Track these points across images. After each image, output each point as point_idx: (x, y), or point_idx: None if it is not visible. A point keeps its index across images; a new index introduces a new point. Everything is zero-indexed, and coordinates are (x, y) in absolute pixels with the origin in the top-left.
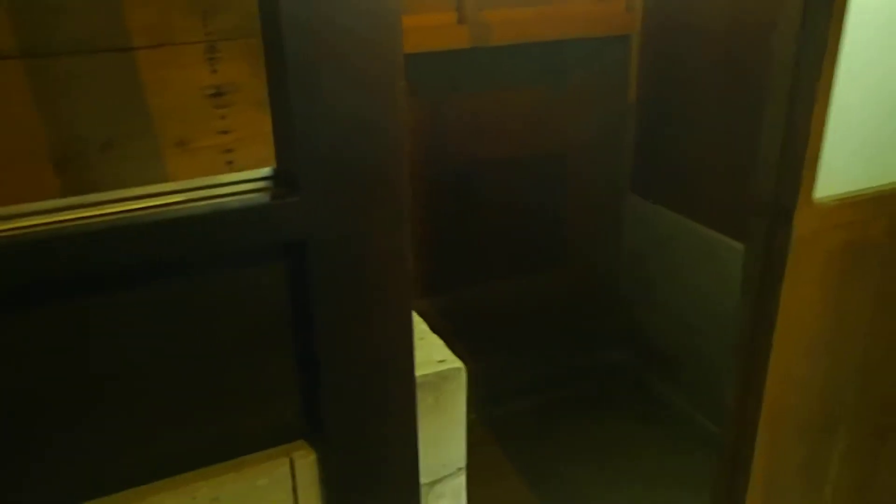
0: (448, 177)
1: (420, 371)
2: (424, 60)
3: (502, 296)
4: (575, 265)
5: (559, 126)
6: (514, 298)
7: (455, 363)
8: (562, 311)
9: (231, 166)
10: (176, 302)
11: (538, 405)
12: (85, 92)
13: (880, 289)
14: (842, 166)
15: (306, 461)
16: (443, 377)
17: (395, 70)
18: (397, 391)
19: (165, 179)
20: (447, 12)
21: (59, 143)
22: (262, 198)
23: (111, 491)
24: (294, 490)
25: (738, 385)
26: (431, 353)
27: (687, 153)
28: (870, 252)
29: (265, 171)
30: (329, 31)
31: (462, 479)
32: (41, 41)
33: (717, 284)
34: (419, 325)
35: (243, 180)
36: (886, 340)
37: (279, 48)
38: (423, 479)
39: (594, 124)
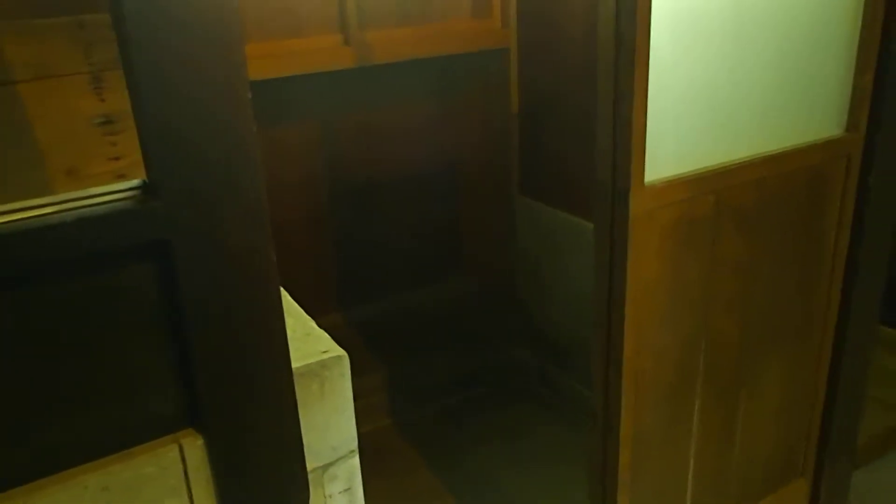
0: (347, 193)
1: (304, 361)
2: (315, 81)
3: (408, 304)
4: (473, 270)
5: (448, 138)
6: (419, 306)
7: (337, 352)
8: (465, 314)
9: None
10: (53, 304)
11: (447, 405)
12: None
13: (713, 257)
14: (667, 152)
15: (195, 446)
16: (326, 365)
17: (242, 79)
18: (272, 377)
19: None
20: (333, 34)
21: None
22: (128, 204)
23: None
24: (185, 473)
25: (600, 355)
26: (317, 346)
27: (565, 154)
28: (699, 226)
29: (135, 181)
30: (177, 43)
31: (355, 461)
32: None
33: None
34: (307, 323)
35: (112, 191)
36: (723, 304)
37: (133, 70)
38: (317, 463)
39: (481, 134)
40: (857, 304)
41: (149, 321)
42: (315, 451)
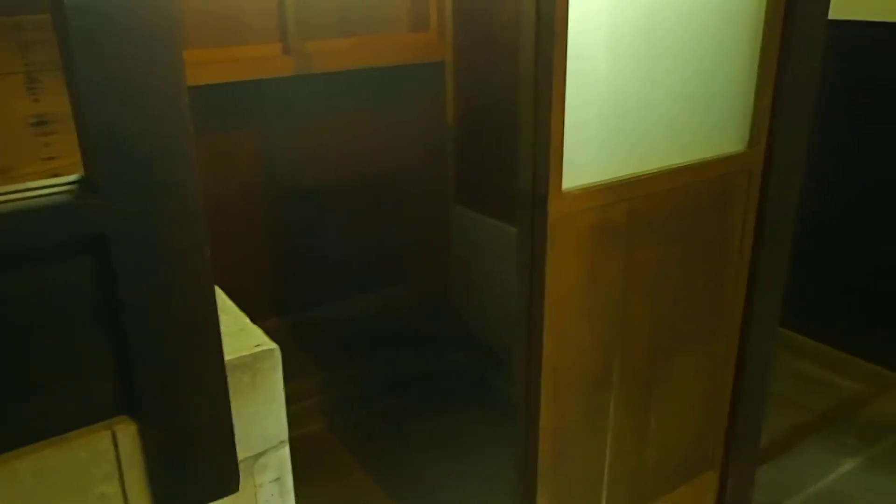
0: (286, 200)
1: (237, 353)
2: (254, 88)
3: (346, 311)
4: (409, 276)
5: (386, 147)
6: (356, 312)
7: (270, 345)
8: (402, 321)
9: None
10: None
11: (383, 410)
12: None
13: (627, 261)
14: (583, 162)
15: (128, 433)
16: (258, 358)
17: (180, 82)
18: (205, 368)
19: None
20: (273, 43)
21: None
22: (67, 198)
23: None
24: (118, 460)
25: (522, 352)
26: (249, 340)
27: (497, 164)
28: (613, 230)
29: (73, 177)
30: (116, 45)
31: (286, 451)
32: None
33: None
34: (240, 319)
35: (52, 185)
36: (636, 304)
37: (73, 70)
38: (248, 453)
39: (418, 144)
40: (760, 305)
41: (85, 312)
42: (246, 442)
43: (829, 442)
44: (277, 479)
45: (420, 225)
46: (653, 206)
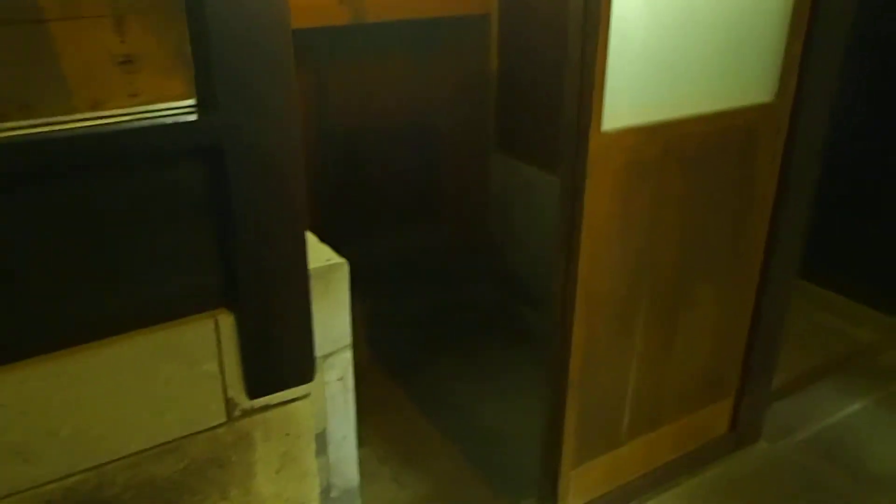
0: (334, 139)
1: (313, 265)
2: (311, 36)
3: (389, 246)
4: (450, 215)
5: (432, 94)
6: (399, 248)
7: (339, 260)
8: (441, 258)
9: None
10: (130, 192)
11: (425, 340)
12: (3, 59)
13: (655, 195)
14: (621, 105)
15: (227, 321)
16: (330, 269)
17: (284, 18)
18: (294, 271)
19: None
20: None
21: None
22: (192, 115)
23: (80, 342)
24: (218, 342)
25: (560, 273)
26: (322, 255)
27: (537, 114)
28: (645, 168)
29: (189, 101)
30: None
31: (349, 355)
32: None
33: None
34: (311, 237)
35: (175, 106)
36: (664, 235)
37: (203, 20)
38: (318, 353)
39: (462, 92)
40: (780, 246)
41: (202, 214)
42: (318, 343)
43: (840, 384)
44: (341, 378)
45: (462, 168)
46: (683, 147)
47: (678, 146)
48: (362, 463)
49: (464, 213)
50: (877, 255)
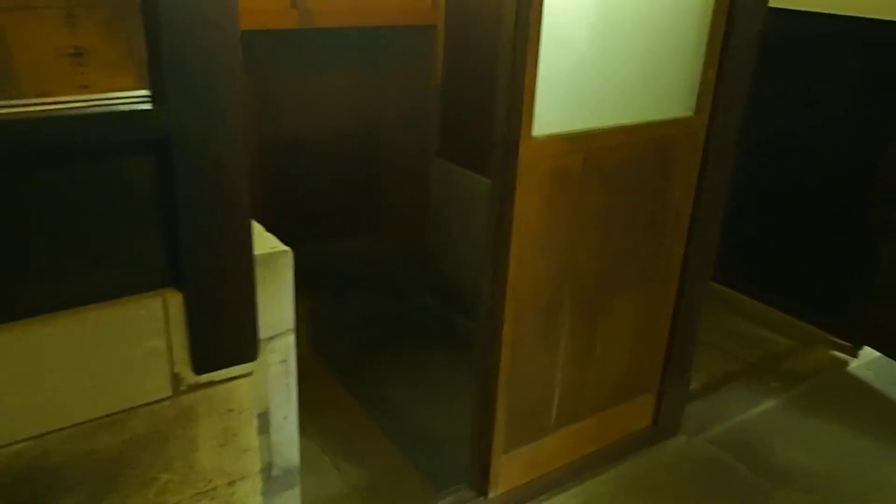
0: (276, 144)
1: (259, 251)
2: (260, 38)
3: (330, 252)
4: (390, 224)
5: (375, 103)
6: (340, 255)
7: (283, 248)
8: (381, 265)
9: None
10: (79, 178)
11: (363, 341)
12: None
13: (580, 204)
14: (549, 114)
15: (175, 300)
16: (273, 256)
17: (232, 19)
18: (239, 255)
19: None
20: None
21: None
22: (145, 105)
23: (28, 315)
24: (166, 320)
25: (490, 276)
26: (267, 243)
27: (478, 123)
28: (569, 175)
29: (141, 91)
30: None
31: (291, 339)
32: None
33: None
34: (257, 227)
35: (127, 95)
36: (586, 242)
37: (155, 16)
38: (262, 336)
39: (405, 101)
40: (696, 255)
41: (150, 200)
42: (261, 326)
43: (754, 385)
44: (284, 360)
45: (403, 177)
46: (605, 158)
47: (600, 157)
48: (304, 453)
49: (404, 220)
50: (789, 263)
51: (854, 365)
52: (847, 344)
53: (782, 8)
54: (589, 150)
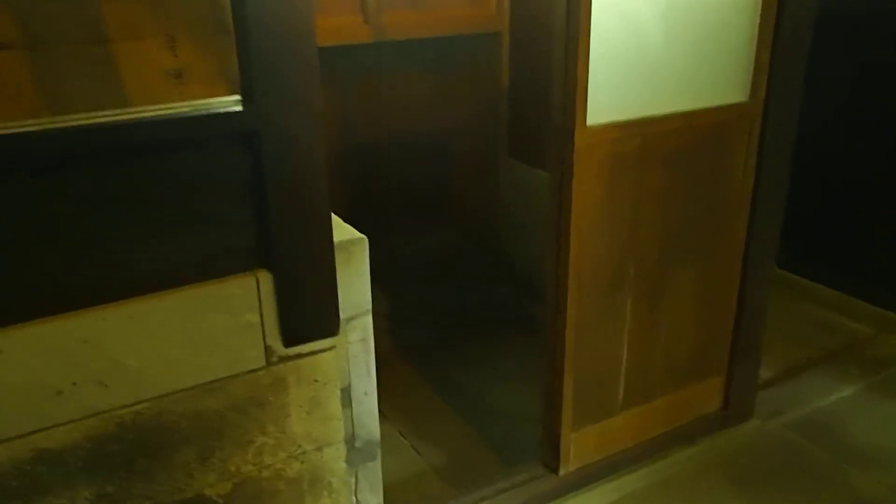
0: (359, 148)
1: (337, 238)
2: (338, 53)
3: (407, 249)
4: (464, 221)
5: (447, 108)
6: (415, 251)
7: (359, 235)
8: (455, 259)
9: None
10: (186, 169)
11: (439, 332)
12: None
13: (636, 186)
14: (603, 103)
15: (266, 280)
16: (352, 243)
17: (310, 29)
18: (321, 240)
19: None
20: (355, 15)
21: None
22: (237, 106)
23: (147, 291)
24: (259, 297)
25: (552, 257)
26: (345, 232)
27: (546, 121)
28: (627, 160)
29: (235, 96)
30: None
31: (369, 319)
32: (43, 35)
33: None
34: (336, 218)
35: (225, 99)
36: (646, 223)
37: (246, 33)
38: (342, 315)
39: (475, 105)
40: (758, 235)
41: (244, 189)
42: (341, 306)
43: (832, 372)
44: (363, 339)
45: (475, 174)
46: (661, 142)
47: (656, 140)
48: (384, 436)
49: (477, 216)
50: (863, 248)
51: None
52: None
53: None
54: (645, 135)
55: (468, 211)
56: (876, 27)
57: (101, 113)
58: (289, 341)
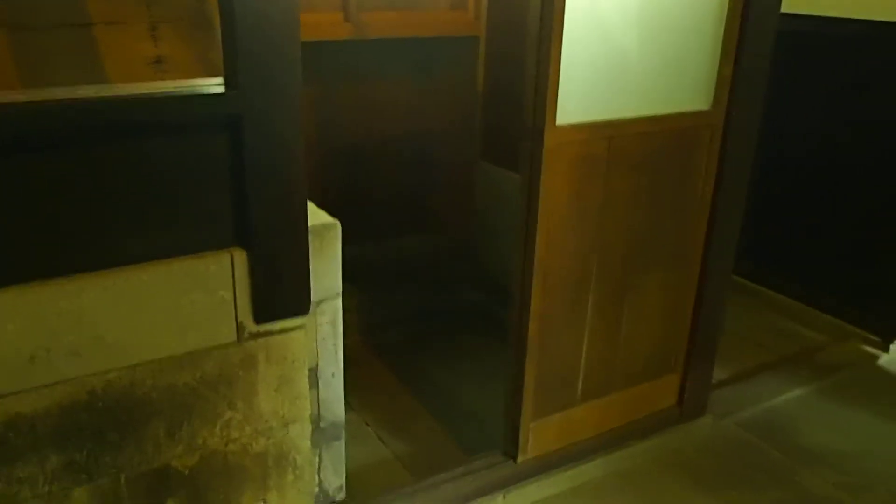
0: (334, 149)
1: (311, 223)
2: (318, 50)
3: (381, 251)
4: (438, 223)
5: (423, 109)
6: (389, 253)
7: (333, 221)
8: (428, 261)
9: None
10: (164, 150)
11: (411, 332)
12: (58, 56)
13: (604, 188)
14: (572, 105)
15: (241, 258)
16: (325, 227)
17: (294, 20)
18: (296, 223)
19: None
20: (335, 12)
21: None
22: (218, 88)
23: (124, 264)
24: (233, 273)
25: (519, 252)
26: (318, 217)
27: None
28: (595, 162)
29: (217, 79)
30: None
31: (339, 302)
32: (24, 17)
33: None
34: (310, 204)
35: (208, 81)
36: (612, 224)
37: (232, 23)
38: (313, 298)
39: (451, 108)
40: (718, 239)
41: (224, 171)
42: (312, 289)
43: (784, 375)
44: (331, 322)
45: (449, 177)
46: (628, 145)
47: (623, 143)
48: (349, 425)
49: (451, 219)
50: (822, 259)
51: (884, 359)
52: (877, 339)
53: (811, 15)
54: (612, 137)
55: (443, 213)
56: (842, 45)
57: (85, 88)
58: (260, 318)
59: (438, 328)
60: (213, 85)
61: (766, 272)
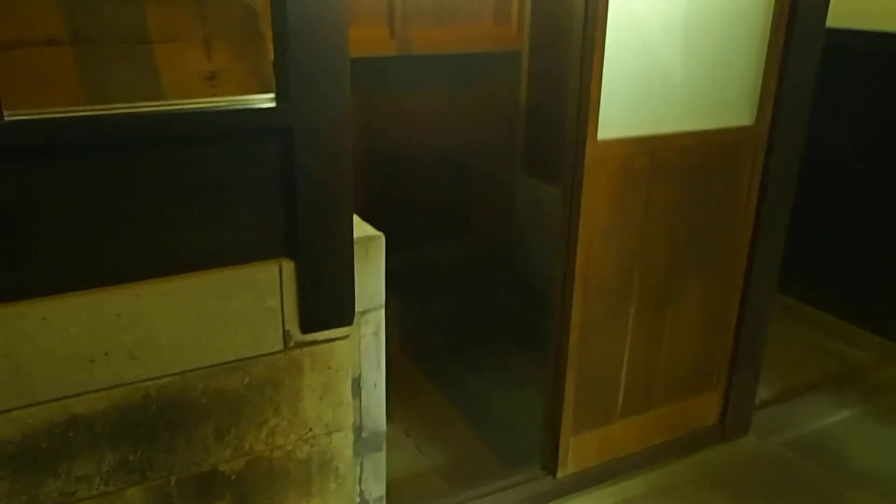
0: (380, 160)
1: (356, 235)
2: (364, 64)
3: (422, 257)
4: (479, 234)
5: (467, 123)
6: (430, 262)
7: (377, 233)
8: (468, 271)
9: None
10: (222, 160)
11: (449, 340)
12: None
13: (645, 199)
14: (614, 119)
15: (288, 267)
16: (370, 239)
17: (343, 39)
18: (343, 234)
19: None
20: (382, 28)
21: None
22: (270, 103)
23: (179, 272)
24: (280, 283)
25: (560, 262)
26: (363, 229)
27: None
28: (636, 174)
29: (269, 94)
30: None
31: (382, 313)
32: (89, 33)
33: None
34: (355, 217)
35: (261, 97)
36: (653, 234)
37: (285, 38)
38: (357, 308)
39: (494, 122)
40: (762, 254)
41: (275, 182)
42: (356, 299)
43: (831, 394)
44: (375, 332)
45: (491, 189)
46: (670, 159)
47: (665, 157)
48: (389, 436)
49: (492, 230)
50: (868, 278)
51: None
52: None
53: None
54: (654, 152)
55: (484, 225)
56: (890, 60)
57: (145, 104)
58: (306, 327)
59: (477, 334)
60: (265, 99)
61: (810, 289)
